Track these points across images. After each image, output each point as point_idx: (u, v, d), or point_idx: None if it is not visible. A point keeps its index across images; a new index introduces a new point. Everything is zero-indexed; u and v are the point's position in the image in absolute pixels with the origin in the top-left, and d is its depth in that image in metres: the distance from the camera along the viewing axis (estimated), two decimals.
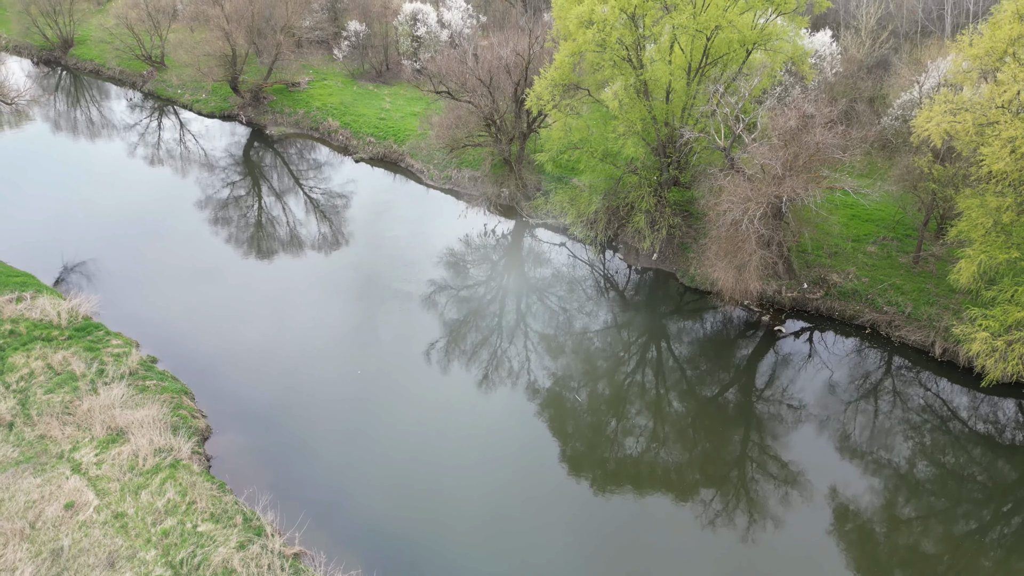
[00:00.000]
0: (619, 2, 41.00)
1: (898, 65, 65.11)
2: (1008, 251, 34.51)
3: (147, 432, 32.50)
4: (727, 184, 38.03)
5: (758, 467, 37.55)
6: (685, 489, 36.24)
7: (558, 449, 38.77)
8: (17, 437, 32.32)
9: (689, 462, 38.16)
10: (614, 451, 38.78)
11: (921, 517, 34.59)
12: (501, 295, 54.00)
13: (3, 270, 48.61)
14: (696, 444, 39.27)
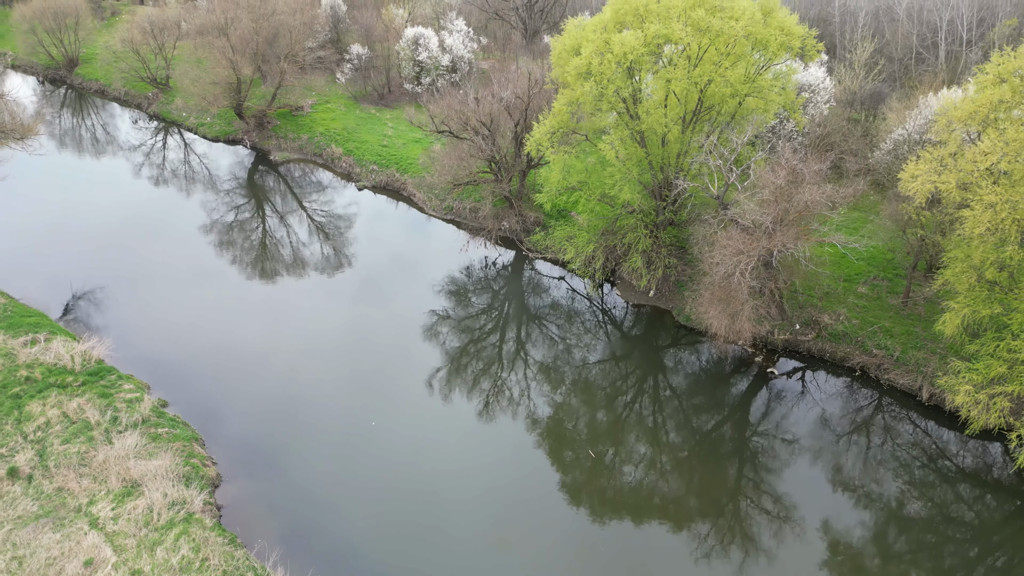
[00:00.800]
0: (616, 56, 42.22)
1: (891, 98, 66.27)
2: (991, 306, 35.73)
3: (161, 484, 33.82)
4: (720, 238, 39.27)
5: (752, 501, 38.87)
6: (681, 520, 37.68)
7: (558, 477, 40.33)
8: (36, 490, 33.65)
9: (685, 494, 39.58)
10: (612, 481, 40.23)
11: (911, 552, 35.86)
12: (501, 326, 55.33)
13: (16, 309, 49.93)
14: (692, 476, 40.62)
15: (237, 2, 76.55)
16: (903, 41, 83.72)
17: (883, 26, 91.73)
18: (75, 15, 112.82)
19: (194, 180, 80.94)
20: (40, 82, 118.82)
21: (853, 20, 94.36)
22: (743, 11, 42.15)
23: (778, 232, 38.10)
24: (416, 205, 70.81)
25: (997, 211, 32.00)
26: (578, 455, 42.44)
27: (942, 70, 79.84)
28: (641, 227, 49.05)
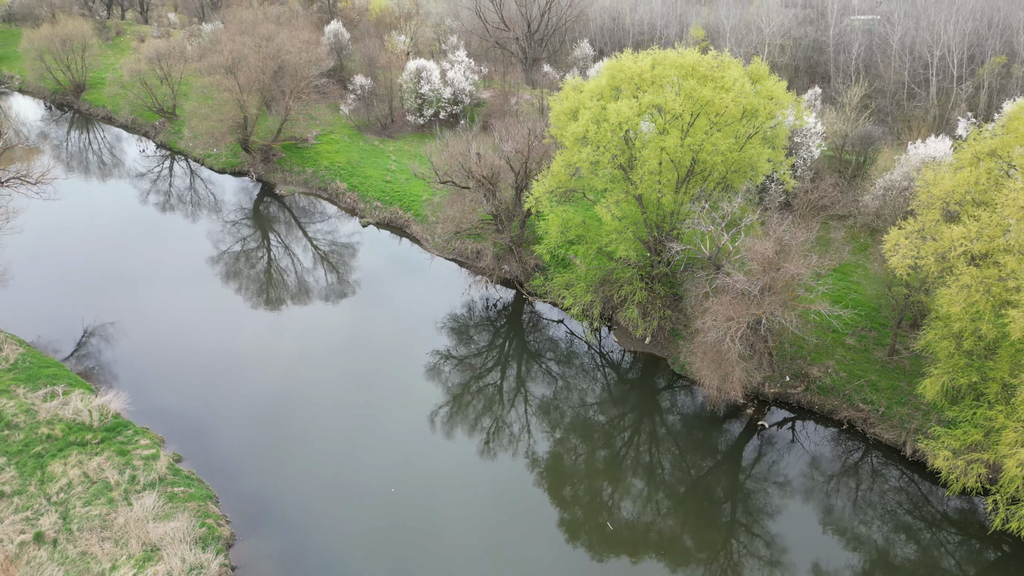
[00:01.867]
0: (612, 124, 44.00)
1: (881, 142, 67.93)
2: (969, 375, 37.51)
3: (178, 549, 35.66)
4: (711, 303, 41.05)
5: (745, 544, 40.82)
6: (676, 559, 39.66)
7: (557, 515, 42.58)
8: (61, 555, 35.50)
9: (680, 533, 41.59)
10: (609, 518, 42.18)
11: None
12: (500, 366, 57.25)
13: (34, 360, 51.76)
14: (686, 517, 42.61)
15: (244, 42, 78.26)
16: (895, 76, 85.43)
17: (876, 58, 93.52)
18: (82, 41, 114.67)
19: (200, 209, 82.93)
20: (48, 107, 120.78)
21: (847, 51, 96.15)
22: (734, 81, 43.90)
23: (766, 299, 39.88)
24: (419, 243, 72.64)
25: (972, 292, 33.75)
26: (576, 491, 44.70)
27: (933, 106, 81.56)
28: (637, 279, 50.82)
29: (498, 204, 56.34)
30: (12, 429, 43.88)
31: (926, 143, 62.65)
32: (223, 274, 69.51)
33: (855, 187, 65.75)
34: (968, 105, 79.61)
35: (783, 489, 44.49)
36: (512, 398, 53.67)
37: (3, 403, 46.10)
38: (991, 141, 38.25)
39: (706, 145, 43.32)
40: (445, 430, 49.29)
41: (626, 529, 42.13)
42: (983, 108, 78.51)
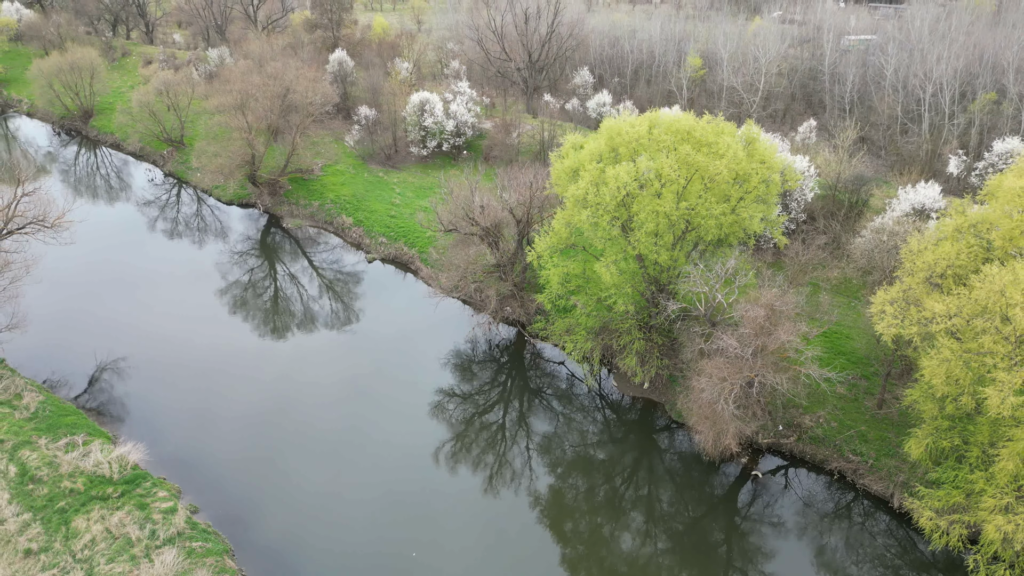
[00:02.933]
0: (610, 189, 45.87)
1: (873, 181, 69.68)
2: (951, 438, 39.36)
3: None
4: (706, 365, 42.92)
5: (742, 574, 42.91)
6: None
7: (558, 550, 45.21)
8: None
9: (679, 572, 43.71)
10: (609, 553, 44.77)
11: None
12: (503, 403, 59.39)
13: (53, 408, 53.64)
14: (684, 554, 44.91)
15: (252, 81, 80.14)
16: (888, 111, 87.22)
17: (870, 89, 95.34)
18: (90, 68, 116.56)
19: (209, 239, 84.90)
20: (56, 132, 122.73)
21: (842, 82, 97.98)
22: (727, 148, 45.76)
23: (758, 362, 41.74)
24: (423, 279, 74.50)
25: (952, 366, 35.58)
26: (577, 527, 47.34)
27: (926, 141, 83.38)
28: (635, 329, 52.65)
29: (501, 255, 58.22)
30: (36, 483, 45.79)
31: (916, 188, 64.51)
32: (232, 307, 71.71)
33: (847, 229, 67.58)
34: (959, 142, 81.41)
35: (777, 531, 46.51)
36: (515, 434, 55.76)
37: (27, 455, 48.02)
38: (973, 215, 40.06)
39: (700, 208, 45.20)
40: (450, 466, 51.67)
41: (625, 564, 44.47)
42: (974, 145, 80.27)
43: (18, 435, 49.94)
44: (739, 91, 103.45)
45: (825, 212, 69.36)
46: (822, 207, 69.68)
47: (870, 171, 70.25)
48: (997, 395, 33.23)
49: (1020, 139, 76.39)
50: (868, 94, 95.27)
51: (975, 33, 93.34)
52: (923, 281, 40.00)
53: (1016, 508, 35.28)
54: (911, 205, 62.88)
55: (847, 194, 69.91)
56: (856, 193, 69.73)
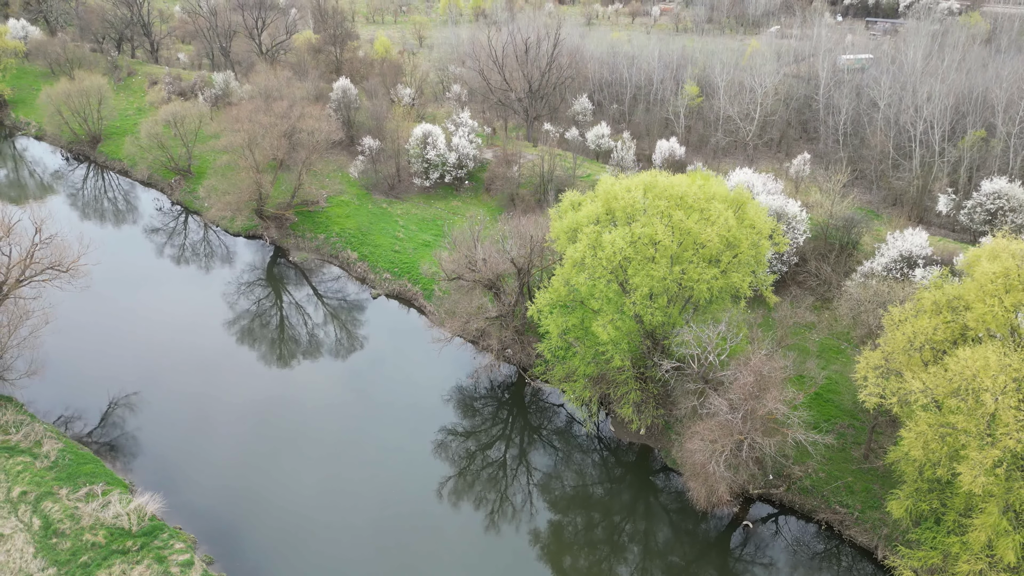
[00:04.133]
0: (607, 254, 47.99)
1: (863, 224, 71.66)
2: (930, 501, 41.51)
3: None
4: (698, 428, 45.11)
5: None
6: None
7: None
8: None
9: None
10: None
11: None
12: (504, 441, 61.93)
13: (72, 456, 55.78)
14: None
15: (260, 120, 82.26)
16: (880, 147, 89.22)
17: (863, 121, 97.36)
18: (98, 95, 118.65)
19: (216, 270, 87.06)
20: (65, 158, 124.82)
21: (836, 113, 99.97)
22: (718, 215, 47.84)
23: (748, 425, 43.91)
24: (426, 316, 76.67)
25: (928, 440, 37.71)
26: (576, 562, 50.26)
27: (916, 178, 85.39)
28: (631, 380, 54.77)
29: (503, 306, 60.39)
30: (60, 537, 47.99)
31: (904, 233, 66.56)
32: (238, 340, 74.32)
33: (838, 271, 69.65)
34: (949, 180, 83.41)
35: (769, 567, 49.07)
36: (515, 469, 58.53)
37: (49, 507, 50.22)
38: (950, 289, 42.14)
39: (691, 272, 47.34)
40: (451, 501, 54.68)
41: None
42: (963, 183, 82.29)
43: (40, 486, 52.12)
44: (735, 120, 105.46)
45: (816, 254, 71.40)
46: (813, 248, 71.74)
47: (861, 211, 72.27)
48: (969, 472, 35.35)
49: (1007, 179, 78.47)
50: (862, 126, 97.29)
51: (966, 67, 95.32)
52: (903, 350, 42.07)
53: (989, 574, 37.40)
54: (899, 252, 64.94)
55: (838, 234, 71.90)
56: (847, 234, 71.73)
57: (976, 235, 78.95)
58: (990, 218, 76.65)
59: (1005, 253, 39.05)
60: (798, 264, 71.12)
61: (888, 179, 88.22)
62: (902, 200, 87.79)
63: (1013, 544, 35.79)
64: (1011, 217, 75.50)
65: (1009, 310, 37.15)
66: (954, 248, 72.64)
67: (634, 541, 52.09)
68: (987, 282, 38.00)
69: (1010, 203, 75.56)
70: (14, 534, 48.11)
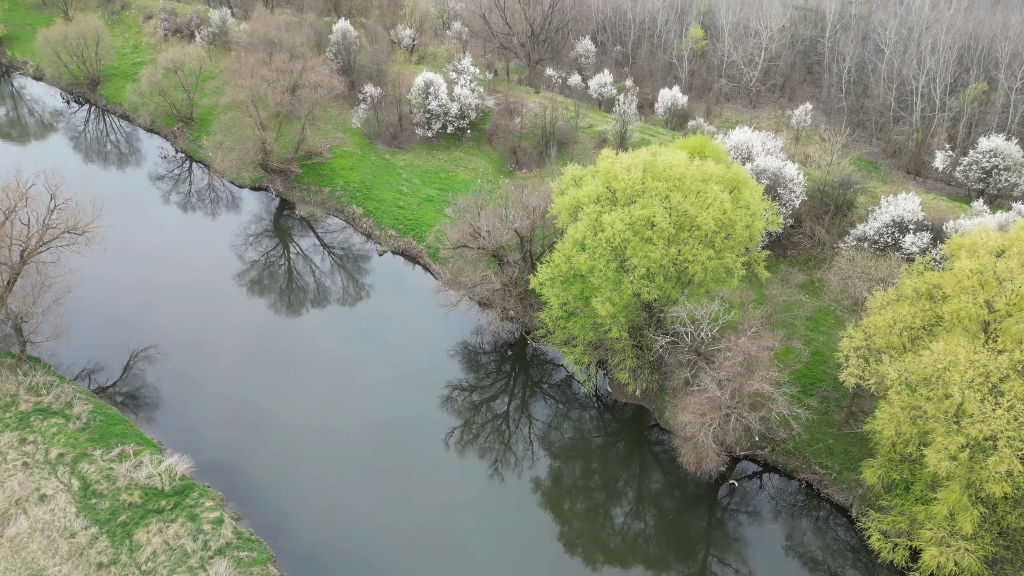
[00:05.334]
0: (607, 233, 50.07)
1: (859, 184, 73.08)
2: (901, 471, 45.13)
3: None
4: (689, 402, 48.31)
5: (718, 558, 51.60)
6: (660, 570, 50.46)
7: (557, 529, 53.64)
8: None
9: (665, 552, 51.88)
10: (603, 531, 53.29)
11: None
12: (507, 394, 66.25)
13: (103, 417, 59.36)
14: (670, 535, 52.97)
15: (262, 74, 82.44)
16: (882, 98, 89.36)
17: (867, 68, 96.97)
18: (95, 36, 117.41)
19: (223, 223, 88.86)
20: (65, 100, 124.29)
21: (840, 60, 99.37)
22: (714, 198, 49.58)
23: (736, 399, 47.07)
24: (432, 272, 79.14)
25: (900, 423, 40.89)
26: (574, 505, 55.30)
27: (916, 131, 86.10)
28: (628, 349, 57.76)
29: (507, 278, 62.73)
30: (98, 497, 52.05)
31: (897, 198, 68.22)
32: (249, 290, 77.96)
33: (832, 233, 71.63)
34: (948, 134, 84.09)
35: (750, 524, 53.88)
36: (517, 421, 63.16)
37: (86, 468, 54.15)
38: (930, 277, 44.43)
39: (687, 253, 49.57)
40: (458, 449, 59.76)
41: (618, 537, 52.96)
42: (961, 139, 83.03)
43: (75, 447, 55.92)
44: (739, 65, 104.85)
45: (811, 215, 73.16)
46: (809, 210, 73.42)
47: (860, 162, 73.55)
48: (935, 456, 38.65)
49: (1005, 137, 79.28)
50: (866, 74, 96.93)
51: (973, 14, 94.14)
52: (884, 334, 44.76)
53: (949, 542, 41.29)
54: (891, 217, 66.76)
55: (835, 194, 73.35)
56: (843, 194, 73.28)
57: (971, 193, 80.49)
58: (984, 176, 77.95)
59: (983, 249, 41.12)
60: (793, 226, 72.98)
61: (888, 132, 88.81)
62: (901, 153, 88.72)
63: (971, 518, 39.43)
64: (1005, 176, 76.85)
65: (982, 307, 39.59)
66: (947, 209, 74.40)
67: (629, 490, 56.86)
68: (963, 278, 40.25)
69: (1005, 162, 76.71)
70: (56, 494, 52.16)
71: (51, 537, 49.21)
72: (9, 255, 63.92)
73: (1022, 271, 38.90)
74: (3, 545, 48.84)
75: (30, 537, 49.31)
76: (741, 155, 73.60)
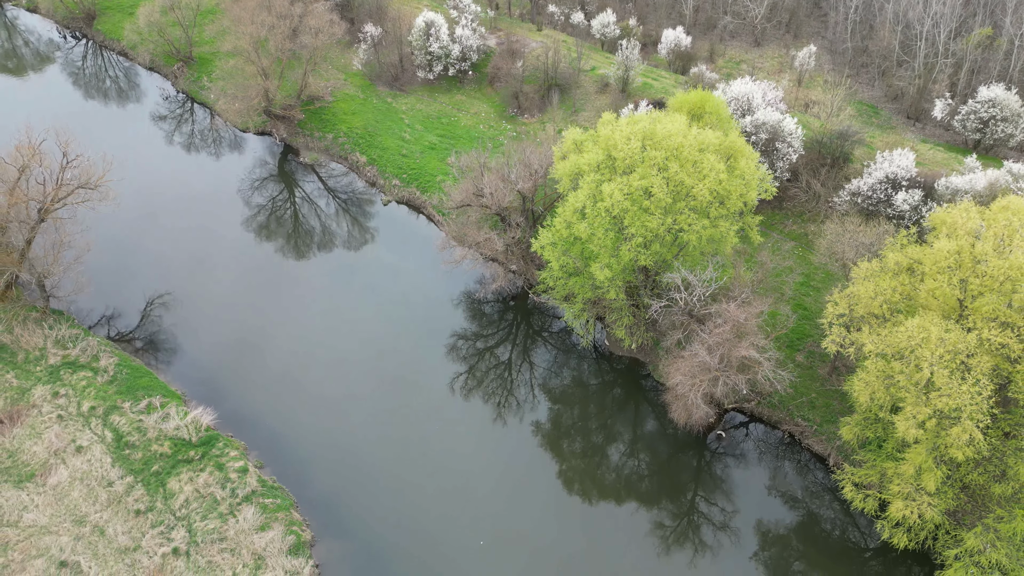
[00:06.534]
0: (606, 203, 52.06)
1: (858, 136, 74.02)
2: (875, 430, 48.80)
3: (278, 559, 48.95)
4: (680, 362, 51.46)
5: (705, 498, 56.77)
6: (650, 506, 55.99)
7: (556, 467, 58.94)
8: (195, 565, 48.82)
9: (657, 492, 56.87)
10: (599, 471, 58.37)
11: (820, 545, 53.42)
12: (509, 342, 70.03)
13: (129, 370, 62.86)
14: (661, 476, 57.98)
15: (263, 20, 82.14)
16: (887, 41, 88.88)
17: (873, 11, 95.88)
18: None
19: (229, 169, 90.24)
20: (61, 35, 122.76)
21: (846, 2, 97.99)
22: (711, 169, 51.26)
23: (724, 363, 50.23)
24: (435, 223, 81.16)
25: (875, 390, 44.12)
26: (572, 445, 60.36)
27: (917, 77, 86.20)
28: (625, 308, 60.62)
29: (509, 240, 64.87)
30: (131, 448, 56.10)
31: (892, 154, 69.51)
32: (256, 239, 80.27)
33: (828, 186, 73.22)
34: (949, 82, 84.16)
35: (736, 467, 58.39)
36: (519, 366, 67.30)
37: (117, 420, 58.02)
38: (912, 252, 46.70)
39: (682, 222, 51.70)
40: (463, 393, 64.35)
41: (612, 474, 58.14)
42: (962, 87, 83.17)
43: (105, 400, 59.66)
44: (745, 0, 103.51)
45: (808, 168, 74.51)
46: (806, 163, 74.71)
47: (861, 105, 74.38)
48: (904, 423, 42.04)
49: (1005, 86, 79.58)
50: (872, 14, 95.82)
51: None
52: (865, 305, 47.45)
53: (914, 496, 45.23)
54: (885, 174, 68.24)
55: (832, 146, 74.38)
56: (841, 146, 74.38)
57: (968, 141, 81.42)
58: (981, 126, 78.74)
59: (962, 230, 43.23)
60: (790, 180, 74.46)
61: (891, 77, 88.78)
62: (902, 98, 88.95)
63: (935, 477, 43.17)
64: (1002, 127, 77.67)
65: (956, 287, 42.06)
66: (942, 162, 75.70)
67: (624, 433, 61.48)
68: (941, 258, 42.55)
69: (1002, 112, 77.34)
70: (91, 445, 56.21)
71: (90, 486, 53.47)
72: (27, 212, 66.09)
73: (995, 254, 41.17)
74: (47, 493, 53.16)
75: (71, 486, 53.58)
76: (741, 107, 74.27)
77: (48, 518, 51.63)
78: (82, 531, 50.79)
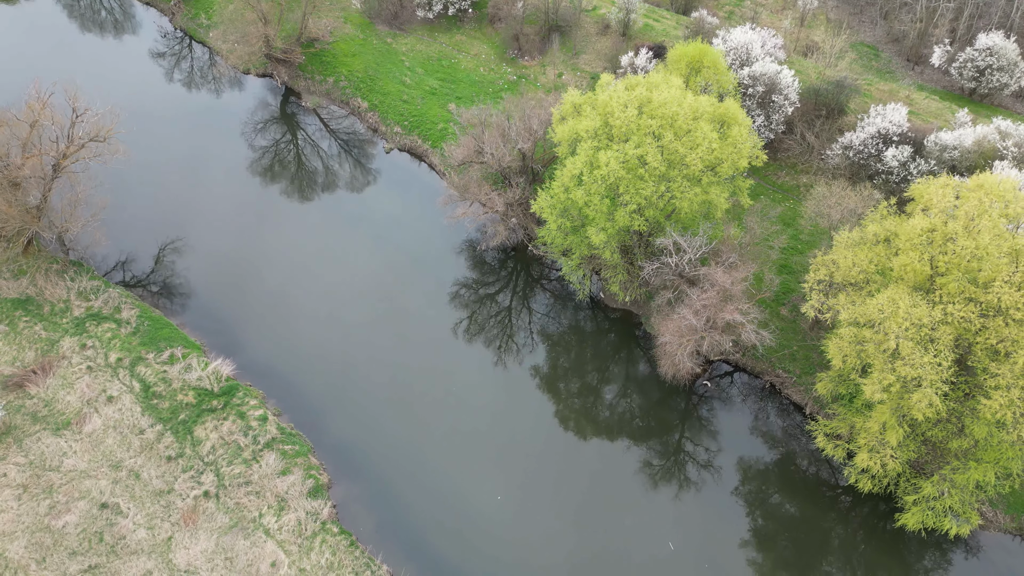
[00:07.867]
0: (602, 171, 54.32)
1: (854, 86, 75.02)
2: (848, 387, 52.82)
3: (300, 501, 53.93)
4: (670, 322, 54.92)
5: (691, 440, 61.88)
6: (641, 443, 61.22)
7: (553, 407, 64.05)
8: (224, 506, 53.82)
9: (647, 433, 61.85)
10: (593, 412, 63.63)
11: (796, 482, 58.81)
12: (510, 290, 73.88)
13: (150, 321, 66.43)
14: (651, 419, 63.03)
15: None
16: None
17: None
18: None
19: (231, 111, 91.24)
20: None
21: None
22: (704, 138, 53.20)
23: (710, 325, 53.74)
24: (436, 171, 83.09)
25: (848, 355, 47.77)
26: (568, 387, 65.31)
27: (918, 21, 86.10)
28: (620, 265, 63.67)
29: (510, 199, 67.15)
30: (158, 398, 60.35)
31: (885, 108, 70.87)
32: (262, 182, 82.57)
33: (821, 138, 74.82)
34: (950, 27, 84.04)
35: (723, 407, 63.57)
36: (519, 312, 71.45)
37: (143, 371, 62.07)
38: (890, 224, 49.33)
39: (675, 190, 54.10)
40: (466, 338, 68.59)
41: (606, 412, 63.16)
42: (961, 33, 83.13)
43: (130, 351, 63.52)
44: None
45: (803, 120, 75.86)
46: (802, 115, 75.99)
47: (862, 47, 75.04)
48: (871, 387, 45.87)
49: (1004, 34, 79.81)
50: None
51: None
52: (845, 271, 50.51)
53: (879, 449, 49.59)
54: (877, 129, 69.82)
55: (828, 96, 75.48)
56: (836, 97, 75.51)
57: (964, 89, 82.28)
58: (978, 75, 79.50)
59: (937, 208, 45.72)
60: (784, 132, 75.91)
61: (892, 19, 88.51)
62: (903, 40, 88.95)
63: (897, 434, 47.34)
64: (997, 76, 78.46)
65: (926, 263, 44.94)
66: (936, 112, 77.00)
67: (617, 378, 65.97)
68: (915, 235, 45.26)
69: (999, 61, 77.99)
70: (121, 395, 60.46)
71: (123, 433, 58.01)
72: (41, 167, 68.16)
73: (965, 233, 43.84)
74: (84, 440, 57.74)
75: (105, 433, 58.09)
76: (740, 58, 74.95)
77: (87, 463, 56.35)
78: (119, 475, 55.60)
